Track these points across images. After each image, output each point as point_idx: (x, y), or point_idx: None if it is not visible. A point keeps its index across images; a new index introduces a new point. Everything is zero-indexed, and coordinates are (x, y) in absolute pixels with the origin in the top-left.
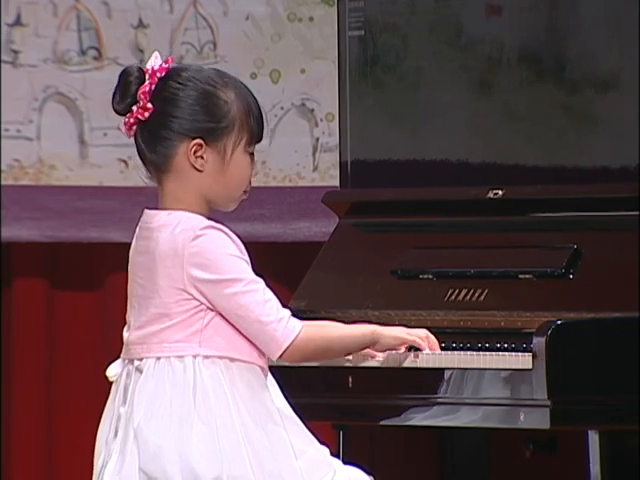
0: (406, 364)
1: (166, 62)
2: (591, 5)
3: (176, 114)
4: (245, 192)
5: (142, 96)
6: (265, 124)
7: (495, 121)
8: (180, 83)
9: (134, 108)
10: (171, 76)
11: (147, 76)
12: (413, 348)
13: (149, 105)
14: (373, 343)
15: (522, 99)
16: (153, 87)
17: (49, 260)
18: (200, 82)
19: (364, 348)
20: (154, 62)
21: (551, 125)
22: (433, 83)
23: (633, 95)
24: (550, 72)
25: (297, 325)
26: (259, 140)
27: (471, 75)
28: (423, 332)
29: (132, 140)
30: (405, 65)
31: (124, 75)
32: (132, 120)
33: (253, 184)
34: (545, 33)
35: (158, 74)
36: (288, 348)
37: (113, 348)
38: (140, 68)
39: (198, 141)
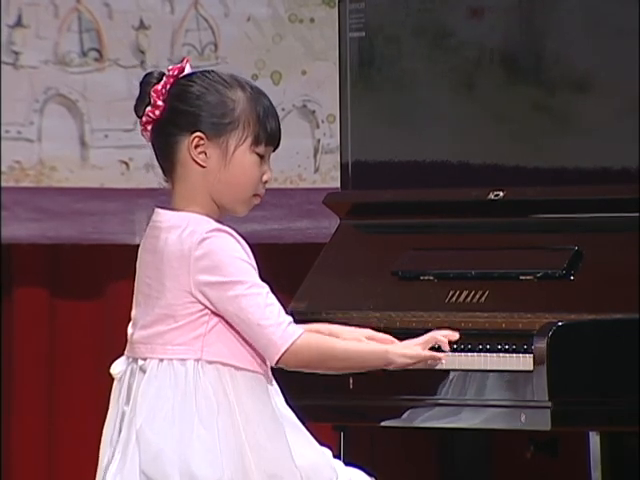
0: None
1: (181, 62)
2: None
3: (182, 109)
4: (256, 196)
5: (153, 94)
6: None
7: (497, 122)
8: (190, 80)
9: (148, 108)
10: (184, 75)
11: (164, 77)
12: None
13: (159, 103)
14: (385, 363)
15: (523, 100)
16: (168, 87)
17: (49, 267)
18: (210, 80)
19: (374, 367)
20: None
21: (553, 126)
22: (434, 85)
23: (633, 96)
24: (551, 73)
25: (297, 331)
26: (269, 144)
27: (471, 76)
28: (430, 336)
29: (133, 141)
30: (406, 67)
31: (145, 78)
32: (145, 119)
33: None
34: (546, 33)
35: (171, 72)
36: (285, 352)
37: (114, 356)
38: (162, 72)
39: (199, 134)
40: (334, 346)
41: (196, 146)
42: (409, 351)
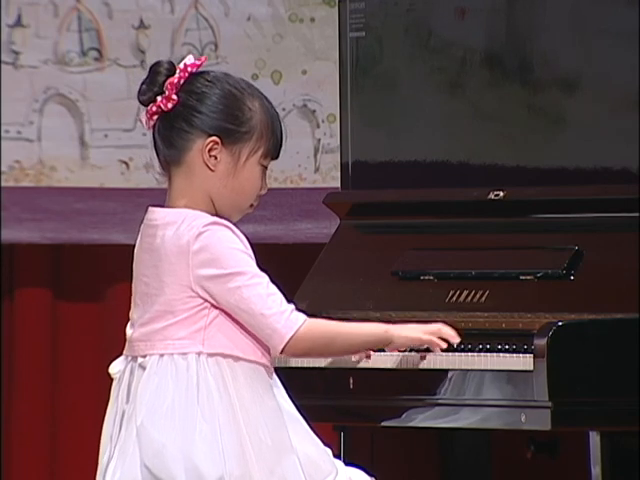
0: (407, 365)
1: (199, 60)
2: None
3: (199, 109)
4: (251, 206)
5: (169, 86)
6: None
7: (497, 122)
8: (209, 81)
9: (158, 98)
10: (201, 73)
11: (178, 70)
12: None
13: (174, 96)
14: (385, 343)
15: (523, 101)
16: (182, 81)
17: (52, 268)
18: (229, 84)
19: (375, 347)
20: (188, 59)
21: (553, 126)
22: (434, 85)
23: (634, 96)
24: (549, 74)
25: (300, 318)
26: (275, 157)
27: (475, 77)
28: (437, 327)
29: (133, 141)
30: (406, 67)
31: (154, 66)
32: (154, 109)
33: None
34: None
35: (189, 69)
36: (290, 340)
37: (116, 356)
38: (171, 62)
39: (215, 139)
40: (335, 330)
41: (210, 150)
42: (409, 333)
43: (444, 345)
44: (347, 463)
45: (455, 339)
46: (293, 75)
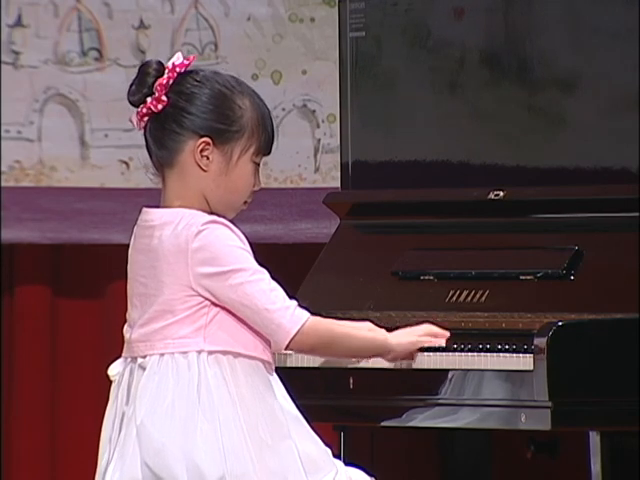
0: (407, 365)
1: (187, 59)
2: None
3: (189, 110)
4: (245, 203)
5: (158, 88)
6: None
7: (497, 122)
8: (198, 81)
9: (148, 99)
10: (190, 73)
11: (167, 70)
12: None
13: (164, 98)
14: (384, 352)
15: (522, 101)
16: (171, 81)
17: (51, 266)
18: (218, 83)
19: (373, 355)
20: (176, 59)
21: (553, 126)
22: (434, 85)
23: (634, 96)
24: (548, 73)
25: (304, 314)
26: (267, 153)
27: (474, 77)
28: (427, 327)
29: (133, 141)
30: (406, 67)
31: (143, 67)
32: (145, 110)
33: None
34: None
35: (178, 69)
36: (295, 335)
37: (116, 355)
38: (160, 62)
39: (206, 139)
40: (338, 330)
41: (201, 150)
42: (407, 339)
43: (442, 342)
44: (347, 463)
45: (445, 335)
46: (293, 75)
